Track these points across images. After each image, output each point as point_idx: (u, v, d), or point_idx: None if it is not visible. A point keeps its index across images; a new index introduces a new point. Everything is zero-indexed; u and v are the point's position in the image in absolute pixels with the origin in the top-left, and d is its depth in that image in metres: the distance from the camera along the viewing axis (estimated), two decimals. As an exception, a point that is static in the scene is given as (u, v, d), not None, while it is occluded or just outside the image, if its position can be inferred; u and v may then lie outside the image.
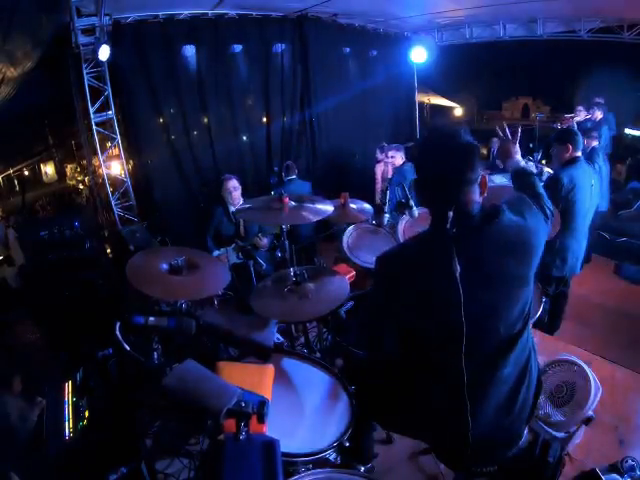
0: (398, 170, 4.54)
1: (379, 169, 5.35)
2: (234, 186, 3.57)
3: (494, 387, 1.28)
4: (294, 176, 4.56)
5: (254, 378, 1.74)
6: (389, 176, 4.67)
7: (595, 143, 4.29)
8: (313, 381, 1.97)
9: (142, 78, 4.51)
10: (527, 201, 1.38)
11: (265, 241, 3.44)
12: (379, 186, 5.36)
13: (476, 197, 1.26)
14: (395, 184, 4.57)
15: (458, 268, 1.18)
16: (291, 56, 5.61)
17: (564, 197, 2.85)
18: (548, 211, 1.48)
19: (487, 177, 1.29)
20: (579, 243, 3.05)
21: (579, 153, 2.97)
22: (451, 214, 1.20)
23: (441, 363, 1.32)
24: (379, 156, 5.25)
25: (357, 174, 6.11)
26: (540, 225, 1.34)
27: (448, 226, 1.20)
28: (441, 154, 1.26)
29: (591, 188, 2.95)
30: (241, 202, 3.51)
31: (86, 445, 1.86)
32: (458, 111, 10.70)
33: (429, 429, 1.44)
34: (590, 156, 3.93)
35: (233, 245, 3.39)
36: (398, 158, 4.58)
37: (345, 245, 3.07)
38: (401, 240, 2.91)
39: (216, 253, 3.39)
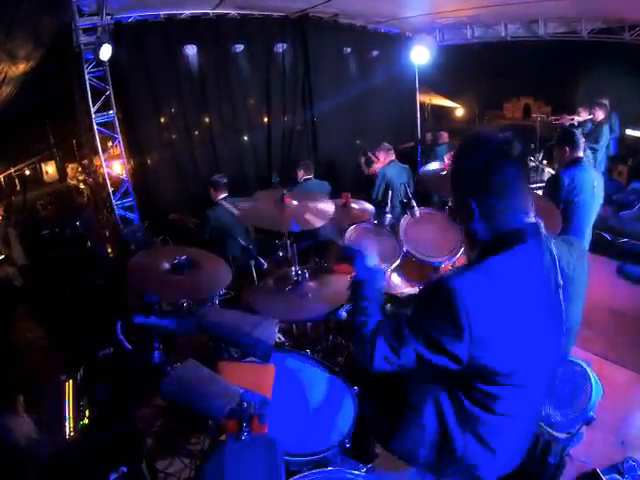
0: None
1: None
2: None
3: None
4: (311, 176, 4.53)
5: (255, 378, 1.74)
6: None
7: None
8: (314, 381, 1.97)
9: (143, 78, 4.51)
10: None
11: None
12: None
13: None
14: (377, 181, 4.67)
15: (561, 281, 1.14)
16: (292, 56, 5.61)
17: (565, 197, 2.86)
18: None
19: None
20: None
21: (581, 154, 2.97)
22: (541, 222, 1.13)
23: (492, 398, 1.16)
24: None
25: (358, 174, 6.10)
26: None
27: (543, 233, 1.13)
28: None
29: (593, 189, 2.94)
30: None
31: (87, 444, 1.86)
32: (459, 111, 10.68)
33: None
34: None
35: None
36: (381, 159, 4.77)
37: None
38: (403, 239, 2.89)
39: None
